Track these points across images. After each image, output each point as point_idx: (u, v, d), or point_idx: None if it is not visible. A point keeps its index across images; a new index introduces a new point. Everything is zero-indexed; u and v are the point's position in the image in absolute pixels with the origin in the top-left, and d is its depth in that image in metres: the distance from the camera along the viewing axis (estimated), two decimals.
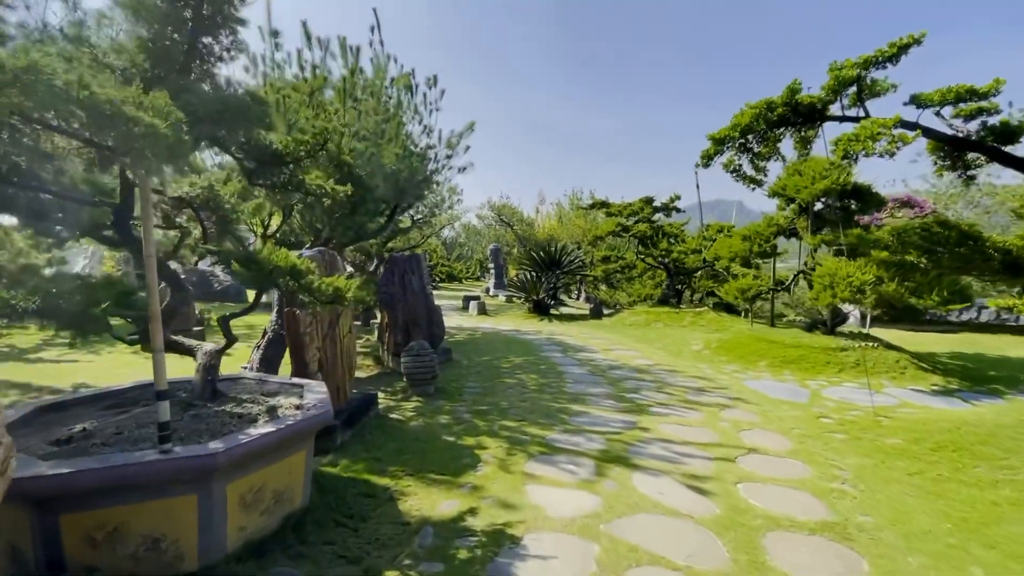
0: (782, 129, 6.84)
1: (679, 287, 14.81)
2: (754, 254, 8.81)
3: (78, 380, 6.20)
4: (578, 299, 24.42)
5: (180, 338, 3.34)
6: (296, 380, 3.80)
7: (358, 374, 7.21)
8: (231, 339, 3.35)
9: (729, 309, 14.59)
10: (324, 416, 3.00)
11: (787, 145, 7.61)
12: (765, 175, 7.62)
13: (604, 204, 15.85)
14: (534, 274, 15.04)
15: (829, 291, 6.50)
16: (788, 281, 9.50)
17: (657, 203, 14.93)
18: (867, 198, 7.31)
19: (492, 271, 24.16)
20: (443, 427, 4.75)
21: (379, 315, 9.77)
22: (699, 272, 14.93)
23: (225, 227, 3.23)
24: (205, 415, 2.97)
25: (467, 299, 16.28)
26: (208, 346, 3.34)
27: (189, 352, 3.32)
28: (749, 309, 10.04)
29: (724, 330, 11.43)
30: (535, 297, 14.19)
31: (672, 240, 14.44)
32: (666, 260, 14.35)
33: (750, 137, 6.87)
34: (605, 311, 14.34)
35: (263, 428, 2.66)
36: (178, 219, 3.41)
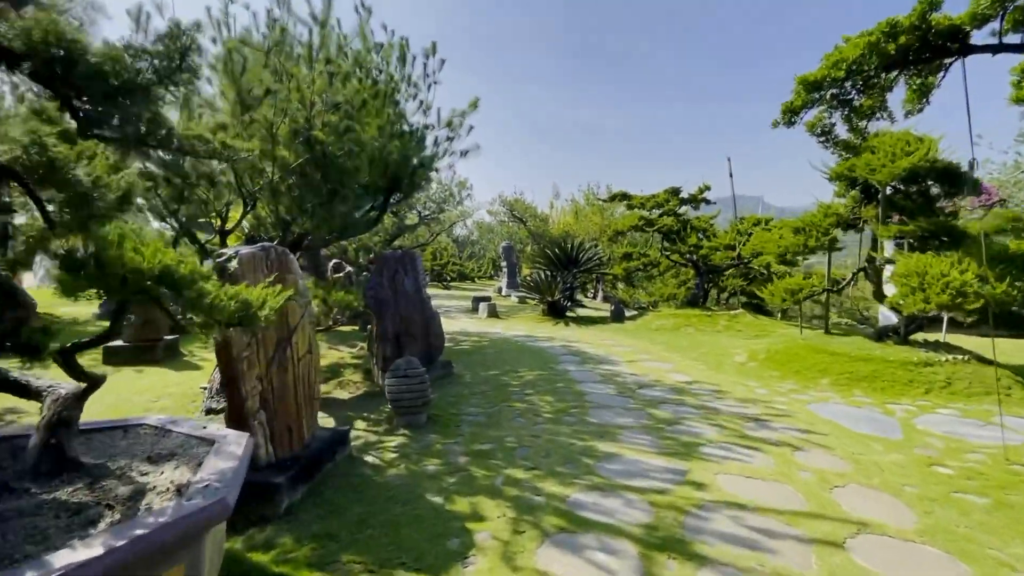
0: (895, 73, 5.46)
1: (706, 286, 13.48)
2: (808, 249, 7.50)
3: None
4: (595, 298, 23.14)
5: (18, 375, 2.24)
6: (209, 432, 2.67)
7: (342, 395, 6.11)
8: (93, 380, 2.24)
9: (758, 310, 13.23)
10: (214, 512, 1.86)
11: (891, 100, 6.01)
12: (863, 138, 6.24)
13: (625, 196, 14.58)
14: (549, 273, 13.85)
15: (919, 295, 5.19)
16: (845, 280, 8.15)
17: (684, 194, 13.60)
18: (957, 179, 5.97)
19: (505, 270, 23.02)
20: (430, 478, 3.60)
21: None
22: (729, 270, 13.59)
23: (84, 211, 2.12)
24: (20, 509, 1.85)
25: (477, 300, 15.15)
26: (62, 389, 2.23)
27: (30, 395, 2.21)
28: (799, 313, 8.72)
29: (765, 336, 10.10)
30: (550, 298, 12.99)
31: (701, 235, 13.10)
32: (695, 257, 13.02)
33: (847, 86, 5.50)
34: (627, 313, 13.09)
35: (80, 553, 1.53)
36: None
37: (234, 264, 3.28)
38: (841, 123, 6.03)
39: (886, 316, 11.08)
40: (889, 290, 7.05)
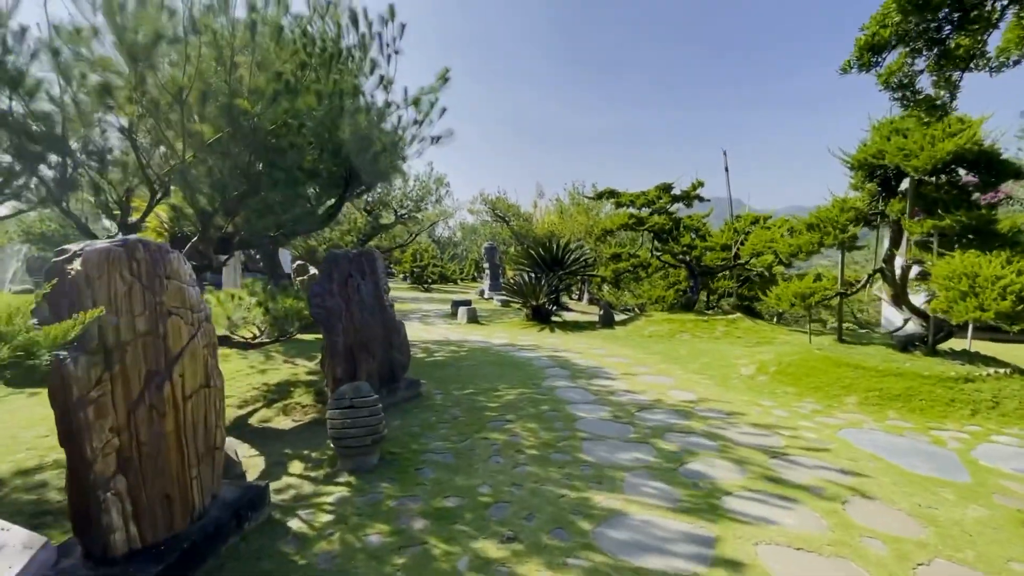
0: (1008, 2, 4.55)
1: (689, 287, 12.66)
2: (825, 247, 6.69)
3: None
4: (580, 300, 22.30)
5: None
6: None
7: (283, 423, 5.08)
8: None
9: (749, 312, 12.49)
10: None
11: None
12: (956, 91, 5.35)
13: (613, 194, 13.73)
14: (532, 275, 12.93)
15: (971, 301, 4.38)
16: (860, 283, 7.36)
17: (676, 191, 12.79)
18: (997, 167, 5.21)
19: (487, 272, 22.05)
20: (371, 558, 2.63)
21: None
22: (724, 272, 12.83)
23: None
24: None
25: (456, 304, 14.15)
26: None
27: None
28: (806, 318, 7.92)
29: (767, 343, 9.30)
30: (534, 302, 12.06)
31: (695, 234, 12.30)
32: (688, 257, 12.21)
33: (942, 15, 4.56)
34: (616, 317, 12.23)
35: None
36: None
37: (76, 266, 2.27)
38: (927, 74, 5.11)
39: (890, 320, 10.41)
40: (918, 296, 6.29)
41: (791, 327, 11.56)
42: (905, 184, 6.32)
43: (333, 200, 6.26)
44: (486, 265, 22.61)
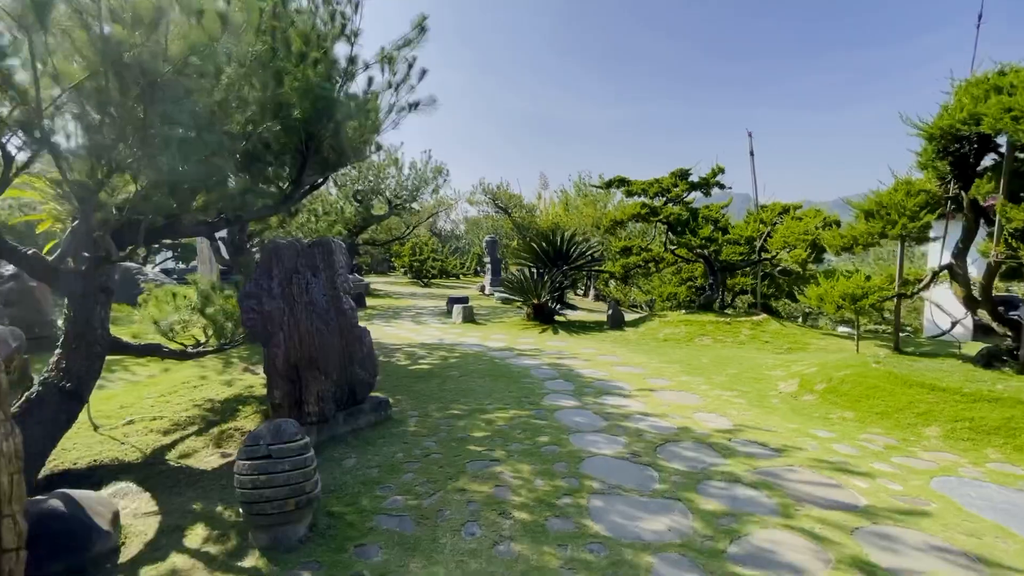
0: None
1: (708, 284, 11.47)
2: (890, 238, 5.52)
3: None
4: (586, 295, 21.17)
5: None
6: None
7: (209, 460, 4.01)
8: None
9: (768, 312, 11.32)
10: None
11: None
12: None
13: (623, 182, 12.54)
14: (535, 271, 11.80)
15: None
16: (923, 281, 6.16)
17: (694, 177, 11.58)
18: None
19: (488, 266, 20.93)
20: None
21: None
22: (746, 267, 11.64)
23: None
24: None
25: (452, 301, 13.05)
26: None
27: None
28: (854, 322, 6.77)
29: (801, 349, 8.14)
30: (535, 301, 10.93)
31: (714, 226, 11.11)
32: (707, 251, 11.03)
33: None
34: (627, 316, 11.09)
35: None
36: None
37: None
38: None
39: (935, 323, 9.22)
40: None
41: (824, 330, 10.38)
42: (988, 161, 5.13)
43: (288, 181, 5.14)
44: (487, 259, 21.49)
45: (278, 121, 4.30)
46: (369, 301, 15.97)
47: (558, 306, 11.45)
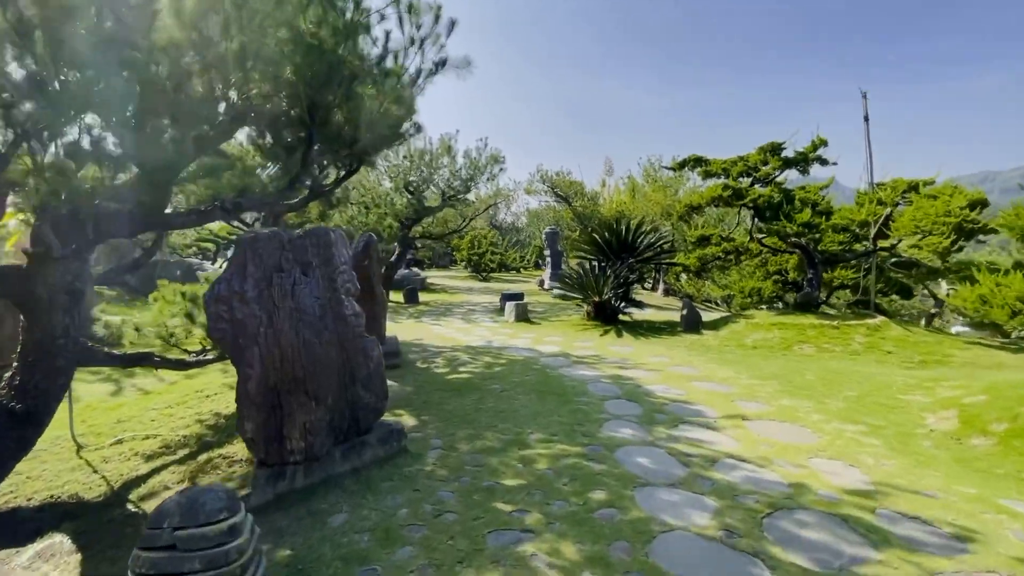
0: None
1: (806, 279, 9.58)
2: None
3: None
4: (654, 290, 19.48)
5: None
6: None
7: None
8: None
9: (879, 312, 9.30)
10: None
11: None
12: None
13: (700, 161, 10.91)
14: (596, 264, 10.54)
15: None
16: None
17: (788, 152, 9.77)
18: None
19: (548, 259, 19.82)
20: None
21: None
22: (857, 259, 9.69)
23: None
24: None
25: (506, 298, 12.09)
26: None
27: None
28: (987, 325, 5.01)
29: (941, 363, 6.36)
30: (596, 298, 9.70)
31: (813, 210, 9.26)
32: (804, 240, 9.24)
33: None
34: (703, 316, 9.57)
35: None
36: None
37: None
38: None
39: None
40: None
41: (962, 337, 8.33)
42: None
43: (294, 167, 4.33)
44: (547, 252, 20.38)
45: (263, 81, 3.46)
46: (423, 296, 15.41)
47: (622, 304, 10.13)
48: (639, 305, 10.59)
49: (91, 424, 4.43)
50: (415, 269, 23.69)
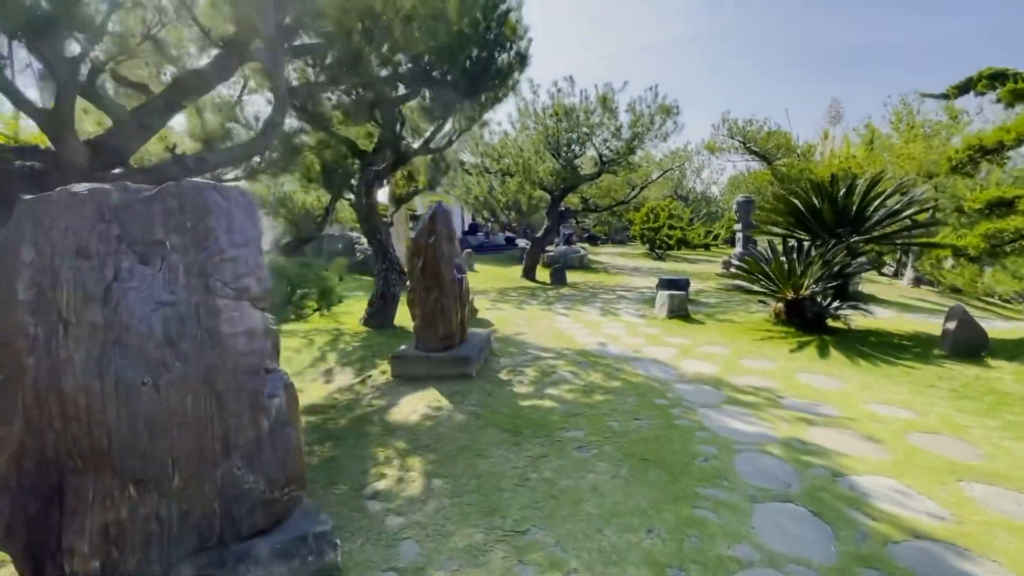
0: None
1: None
2: None
3: None
4: (895, 278, 14.14)
5: None
6: None
7: None
8: None
9: None
10: None
11: None
12: None
13: (1003, 77, 6.59)
14: (794, 243, 7.31)
15: None
16: None
17: None
18: None
19: (739, 235, 16.06)
20: None
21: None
22: None
23: None
24: None
25: (663, 284, 9.55)
26: None
27: None
28: None
29: None
30: (789, 295, 6.64)
31: None
32: None
33: None
34: (985, 324, 5.70)
35: None
36: None
37: None
38: None
39: None
40: None
41: None
42: None
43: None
44: (737, 226, 16.55)
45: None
46: (577, 277, 13.60)
47: (834, 304, 6.80)
48: (863, 306, 7.03)
49: None
50: (578, 245, 21.96)
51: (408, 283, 5.08)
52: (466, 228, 23.20)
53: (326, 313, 4.35)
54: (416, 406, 4.18)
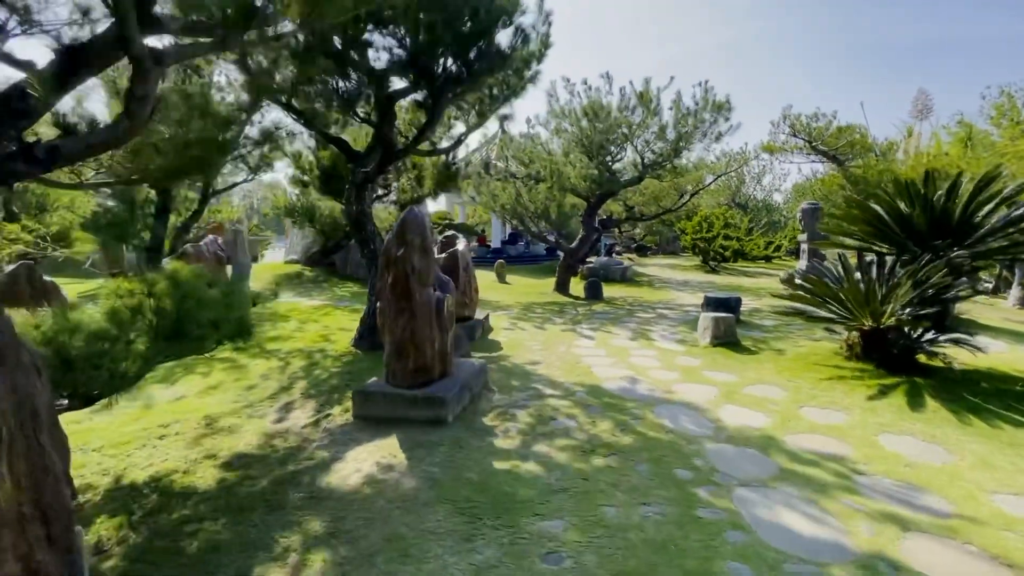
0: None
1: None
2: None
3: None
4: (995, 294, 11.93)
5: None
6: None
7: None
8: None
9: None
10: None
11: None
12: None
13: None
14: (874, 258, 5.89)
15: None
16: None
17: None
18: None
19: (803, 247, 14.30)
20: None
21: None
22: None
23: None
24: None
25: (710, 303, 8.24)
26: None
27: None
28: None
29: None
30: (867, 324, 5.25)
31: None
32: None
33: None
34: None
35: None
36: None
37: None
38: None
39: None
40: None
41: None
42: None
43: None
44: (802, 237, 14.75)
45: None
46: (616, 291, 12.38)
47: (928, 336, 5.34)
48: (969, 340, 5.48)
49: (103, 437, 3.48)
50: (621, 256, 20.64)
51: (378, 304, 4.24)
52: (505, 237, 22.43)
53: (242, 345, 3.56)
54: (363, 463, 3.30)
